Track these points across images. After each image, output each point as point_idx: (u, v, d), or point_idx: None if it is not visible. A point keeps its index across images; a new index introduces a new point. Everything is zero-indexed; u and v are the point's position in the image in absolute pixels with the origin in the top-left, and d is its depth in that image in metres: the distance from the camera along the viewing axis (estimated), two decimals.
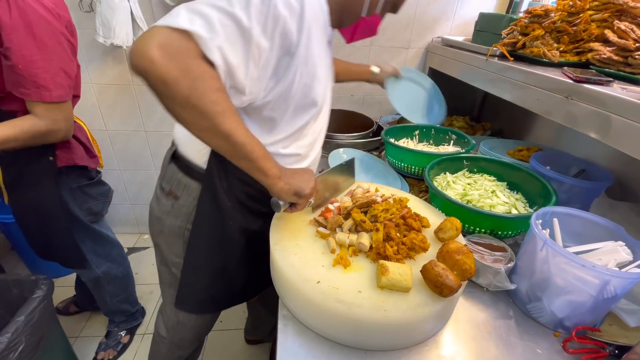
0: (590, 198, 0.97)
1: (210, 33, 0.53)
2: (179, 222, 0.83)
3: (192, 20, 0.52)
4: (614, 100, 0.69)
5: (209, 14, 0.53)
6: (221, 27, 0.53)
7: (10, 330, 0.90)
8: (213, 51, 0.53)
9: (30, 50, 0.82)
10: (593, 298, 0.65)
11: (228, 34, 0.54)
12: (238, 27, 0.54)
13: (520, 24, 1.07)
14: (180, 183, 0.81)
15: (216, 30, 0.53)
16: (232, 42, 0.55)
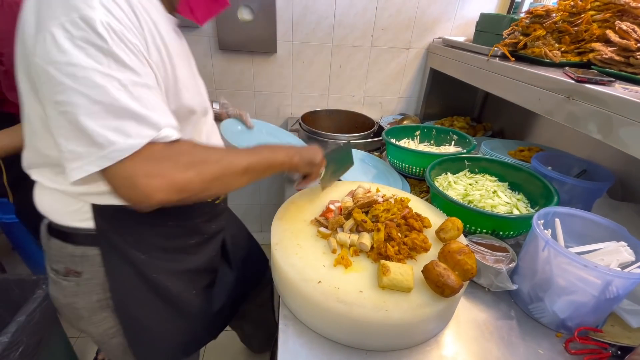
0: (592, 198, 0.97)
1: (148, 125, 0.48)
2: (95, 296, 0.68)
3: (123, 131, 0.46)
4: (615, 100, 0.69)
5: (118, 106, 0.46)
6: (140, 106, 0.47)
7: (11, 330, 0.91)
8: (169, 135, 0.50)
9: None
10: (595, 298, 0.65)
11: (148, 105, 0.48)
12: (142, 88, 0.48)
13: (521, 24, 1.07)
14: (74, 257, 0.65)
15: (144, 115, 0.47)
16: (156, 108, 0.50)
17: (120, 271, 0.67)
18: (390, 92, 1.85)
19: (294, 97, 1.80)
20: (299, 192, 0.92)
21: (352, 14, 1.61)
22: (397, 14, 1.63)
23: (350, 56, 1.72)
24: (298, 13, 1.58)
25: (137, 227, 0.66)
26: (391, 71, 1.79)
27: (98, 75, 0.45)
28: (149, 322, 0.74)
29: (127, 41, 0.47)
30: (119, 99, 0.46)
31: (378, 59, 1.74)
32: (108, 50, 0.45)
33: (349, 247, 0.73)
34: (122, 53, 0.46)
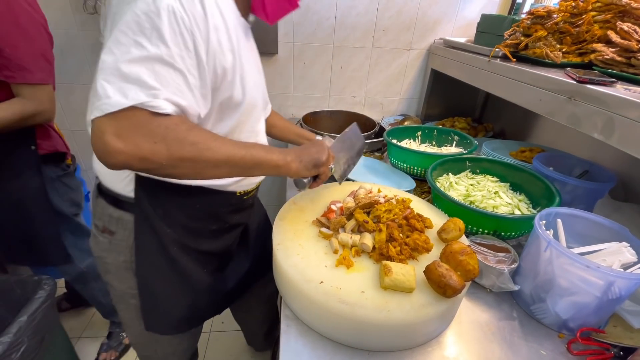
0: (594, 199, 0.97)
1: (148, 94, 0.50)
2: (123, 257, 0.76)
3: (124, 92, 0.49)
4: (617, 100, 0.69)
5: (134, 73, 0.50)
6: (154, 79, 0.51)
7: (13, 331, 0.91)
8: (161, 107, 0.51)
9: (16, 37, 0.91)
10: (597, 299, 0.64)
11: (163, 81, 0.52)
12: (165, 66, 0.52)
13: (522, 25, 1.07)
14: (112, 218, 0.74)
15: (151, 86, 0.50)
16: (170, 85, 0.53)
17: (146, 239, 0.74)
18: (391, 93, 1.85)
19: (295, 97, 1.80)
20: (301, 193, 0.92)
21: (353, 15, 1.61)
22: (398, 14, 1.63)
23: (351, 57, 1.72)
24: (299, 14, 1.58)
25: (168, 203, 0.72)
26: (392, 72, 1.79)
27: (134, 43, 0.50)
28: (161, 290, 0.80)
29: (181, 26, 0.52)
30: (135, 64, 0.50)
31: (379, 60, 1.74)
32: (156, 28, 0.50)
33: (351, 248, 0.73)
34: (167, 32, 0.50)
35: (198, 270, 0.82)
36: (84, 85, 1.67)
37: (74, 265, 1.30)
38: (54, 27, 0.98)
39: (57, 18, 1.48)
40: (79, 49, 1.57)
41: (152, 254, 0.75)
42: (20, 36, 0.92)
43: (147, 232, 0.73)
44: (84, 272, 1.34)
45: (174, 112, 0.54)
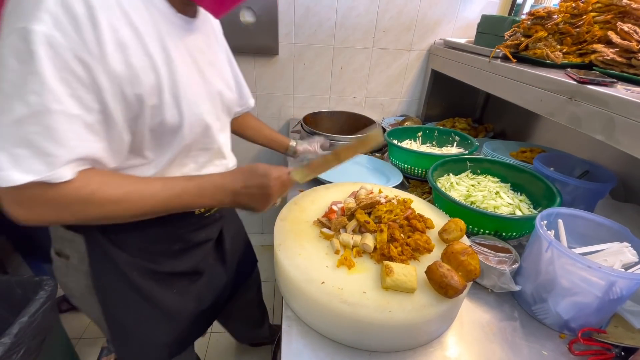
0: (595, 199, 0.97)
1: (43, 162, 0.44)
2: (83, 281, 0.69)
3: (18, 162, 0.43)
4: (617, 101, 0.69)
5: (23, 137, 0.42)
6: (47, 139, 0.43)
7: (13, 332, 0.91)
8: (59, 177, 0.45)
9: None
10: (599, 299, 0.64)
11: (58, 138, 0.44)
12: (57, 116, 0.44)
13: (522, 26, 1.08)
14: (64, 240, 0.67)
15: (45, 152, 0.43)
16: (68, 140, 0.45)
17: (101, 264, 0.66)
18: (391, 94, 1.85)
19: (296, 98, 1.80)
20: (302, 194, 0.92)
21: (353, 16, 1.62)
22: (399, 15, 1.64)
23: (351, 58, 1.72)
24: (300, 15, 1.59)
25: (119, 227, 0.61)
26: (392, 73, 1.79)
27: (16, 97, 0.42)
28: (128, 319, 0.73)
29: (65, 58, 0.43)
30: (24, 127, 0.43)
31: (379, 61, 1.75)
32: (33, 65, 0.42)
33: (352, 248, 0.73)
34: (47, 71, 0.42)
35: (166, 292, 0.75)
36: None
37: None
38: None
39: None
40: None
41: (110, 280, 0.68)
42: None
43: (101, 256, 0.66)
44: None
45: (76, 174, 0.48)
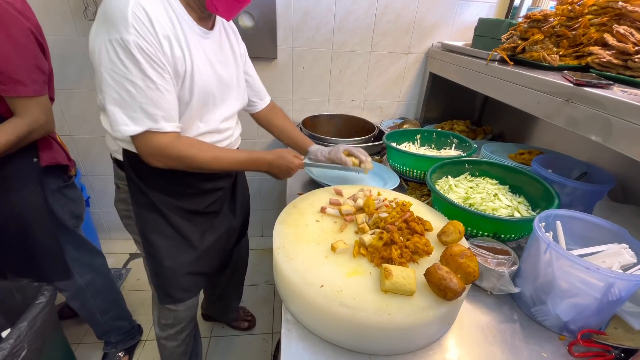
0: (593, 201, 0.97)
1: (151, 119, 0.73)
2: (123, 205, 0.98)
3: (134, 120, 0.73)
4: (614, 103, 0.69)
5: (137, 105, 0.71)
6: (153, 106, 0.72)
7: (13, 337, 0.90)
8: (162, 125, 0.75)
9: (6, 48, 0.86)
10: (598, 301, 0.65)
11: (158, 104, 0.73)
12: (157, 91, 0.72)
13: (519, 29, 1.08)
14: (117, 175, 0.96)
15: (152, 114, 0.72)
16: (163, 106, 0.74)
17: (138, 195, 0.92)
18: (390, 97, 1.86)
19: (295, 101, 1.81)
20: (301, 197, 0.92)
21: (351, 20, 1.63)
22: (396, 19, 1.65)
23: (350, 61, 1.73)
24: (298, 19, 1.60)
25: (149, 170, 0.84)
26: (391, 76, 1.80)
27: (126, 80, 0.70)
28: (158, 241, 0.95)
29: (149, 54, 0.69)
30: (135, 97, 0.71)
31: (378, 64, 1.76)
32: (135, 63, 0.68)
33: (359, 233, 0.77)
34: (144, 64, 0.69)
35: (186, 223, 0.97)
36: (84, 91, 1.68)
37: (74, 280, 1.26)
38: (54, 33, 0.98)
39: (58, 24, 1.49)
40: (79, 55, 1.58)
41: (144, 208, 0.93)
42: (11, 47, 0.87)
43: (137, 190, 0.91)
44: (83, 288, 1.30)
45: (176, 129, 0.78)
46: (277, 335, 1.68)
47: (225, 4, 0.77)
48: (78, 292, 1.30)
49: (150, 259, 0.98)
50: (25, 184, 1.05)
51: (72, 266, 1.24)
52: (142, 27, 0.67)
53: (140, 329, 1.63)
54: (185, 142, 0.79)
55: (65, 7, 1.47)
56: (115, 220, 2.22)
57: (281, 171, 0.96)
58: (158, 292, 1.03)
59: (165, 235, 0.96)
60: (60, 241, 1.17)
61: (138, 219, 0.94)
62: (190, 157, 0.80)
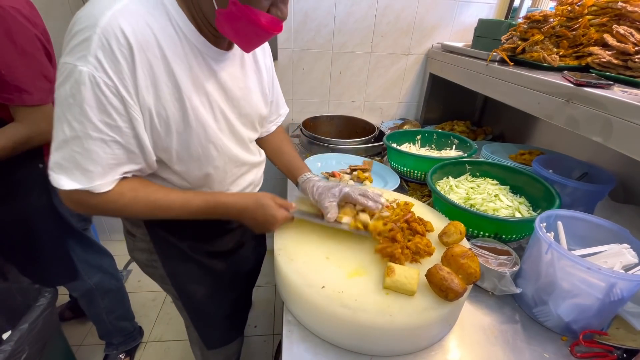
0: (594, 201, 0.97)
1: (86, 177, 0.56)
2: (145, 255, 0.84)
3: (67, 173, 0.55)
4: (614, 103, 0.69)
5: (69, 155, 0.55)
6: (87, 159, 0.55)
7: (14, 338, 0.90)
8: (97, 188, 0.57)
9: (12, 56, 0.85)
10: (599, 301, 0.64)
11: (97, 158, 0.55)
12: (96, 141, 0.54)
13: (519, 30, 1.09)
14: (131, 224, 0.81)
15: (85, 169, 0.55)
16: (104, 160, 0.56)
17: (162, 242, 0.80)
18: (390, 97, 1.86)
19: (295, 103, 1.81)
20: (301, 199, 0.92)
21: (351, 21, 1.63)
22: (396, 20, 1.65)
23: (350, 62, 1.74)
24: (298, 21, 1.60)
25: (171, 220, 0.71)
26: (391, 77, 1.80)
27: (65, 118, 0.53)
28: (200, 294, 0.88)
29: (105, 94, 0.52)
30: (69, 143, 0.54)
31: (378, 65, 1.76)
32: (80, 101, 0.52)
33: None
34: (91, 104, 0.52)
35: (220, 264, 0.89)
36: None
37: (83, 281, 1.28)
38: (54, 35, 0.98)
39: (59, 27, 1.49)
40: None
41: (170, 255, 0.82)
42: (17, 55, 0.85)
43: (164, 242, 0.81)
44: (92, 289, 1.31)
45: (114, 185, 0.60)
46: (278, 337, 1.68)
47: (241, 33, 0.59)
48: (87, 293, 1.32)
49: (191, 312, 0.92)
50: (32, 190, 1.06)
51: (80, 267, 1.25)
52: (108, 56, 0.51)
53: (141, 330, 1.63)
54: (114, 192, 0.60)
55: (66, 9, 1.48)
56: (115, 221, 2.23)
57: (257, 224, 0.74)
58: (205, 339, 0.98)
59: (204, 284, 0.88)
60: (67, 244, 1.18)
61: (170, 274, 0.84)
62: (119, 208, 0.62)
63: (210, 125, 0.67)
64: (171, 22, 0.58)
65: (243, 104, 0.73)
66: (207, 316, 0.93)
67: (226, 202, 0.71)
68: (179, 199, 0.66)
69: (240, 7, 0.54)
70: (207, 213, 0.70)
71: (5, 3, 0.83)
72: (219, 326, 0.98)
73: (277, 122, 0.98)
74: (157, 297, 1.86)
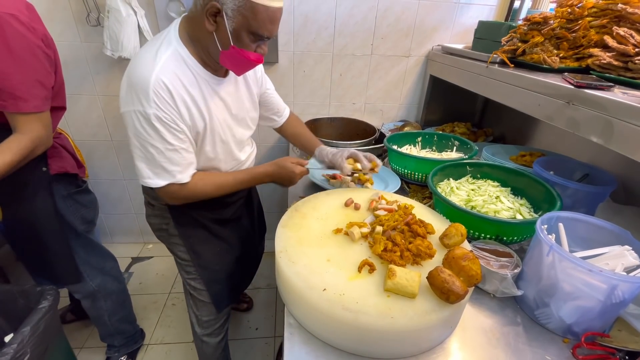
0: (595, 202, 0.97)
1: (171, 175, 0.84)
2: (158, 220, 1.07)
3: (157, 175, 0.84)
4: (615, 104, 0.69)
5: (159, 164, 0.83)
6: (170, 164, 0.83)
7: (16, 341, 0.90)
8: (181, 180, 0.86)
9: (7, 64, 0.85)
10: (601, 303, 0.64)
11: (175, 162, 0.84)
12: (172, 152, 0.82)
13: (519, 31, 1.09)
14: (151, 196, 1.03)
15: (170, 170, 0.84)
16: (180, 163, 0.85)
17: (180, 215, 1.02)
18: (390, 99, 1.87)
19: (296, 105, 1.82)
20: (303, 200, 0.93)
21: (352, 24, 1.64)
22: (396, 22, 1.66)
23: (350, 65, 1.74)
24: (299, 24, 1.61)
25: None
26: (391, 79, 1.80)
27: (148, 144, 0.81)
28: (208, 253, 1.08)
29: (168, 123, 0.79)
30: (156, 157, 0.82)
31: (378, 67, 1.76)
32: (155, 131, 0.79)
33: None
34: (163, 131, 0.79)
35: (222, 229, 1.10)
36: (87, 96, 1.69)
37: (85, 283, 1.28)
38: (57, 38, 1.00)
39: (61, 30, 1.51)
40: (82, 60, 1.60)
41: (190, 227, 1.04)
42: (12, 62, 0.86)
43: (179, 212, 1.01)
44: (94, 290, 1.32)
45: (191, 177, 0.88)
46: (279, 339, 1.68)
47: (237, 66, 0.84)
48: (90, 295, 1.33)
49: (202, 270, 1.09)
50: (36, 193, 1.07)
51: (83, 270, 1.25)
52: (162, 100, 0.77)
53: (143, 333, 1.63)
54: (192, 182, 0.89)
55: (68, 12, 1.49)
56: (117, 224, 2.24)
57: (284, 180, 1.01)
58: (215, 301, 1.14)
59: (212, 245, 1.09)
60: (71, 246, 1.19)
61: (184, 237, 1.05)
62: (198, 193, 0.91)
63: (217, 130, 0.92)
64: (188, 67, 0.82)
65: (236, 110, 0.97)
66: (215, 273, 1.11)
67: (260, 171, 0.99)
68: (230, 177, 0.96)
69: (237, 49, 0.78)
70: (251, 182, 1.00)
71: (2, 10, 0.83)
72: (225, 283, 1.15)
73: (285, 115, 1.23)
74: (158, 300, 1.86)
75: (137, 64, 0.78)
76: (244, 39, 0.77)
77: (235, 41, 0.77)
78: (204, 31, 0.78)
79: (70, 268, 1.21)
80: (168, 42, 0.81)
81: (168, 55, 0.79)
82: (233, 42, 0.77)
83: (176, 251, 1.10)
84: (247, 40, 0.78)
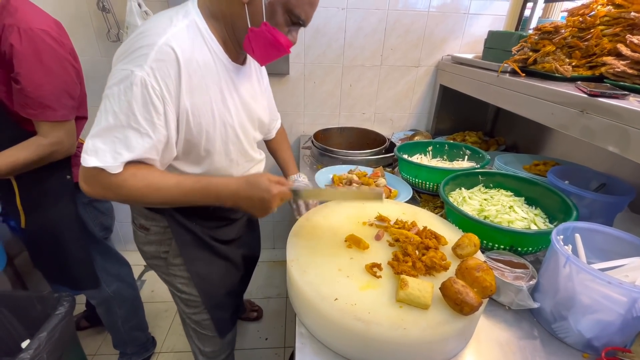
0: (613, 213, 0.94)
1: (113, 157, 0.64)
2: (154, 248, 0.94)
3: (97, 153, 0.64)
4: (631, 113, 0.68)
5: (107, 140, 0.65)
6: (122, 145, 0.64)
7: (33, 347, 0.92)
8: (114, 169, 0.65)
9: (38, 75, 0.91)
10: (622, 317, 0.62)
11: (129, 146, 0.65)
12: (133, 131, 0.65)
13: (530, 41, 1.09)
14: (147, 217, 0.90)
15: (117, 151, 0.64)
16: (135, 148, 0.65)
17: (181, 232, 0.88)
18: (400, 109, 1.87)
19: (306, 115, 1.84)
20: (313, 210, 0.93)
21: (361, 36, 1.66)
22: (406, 34, 1.67)
23: (360, 75, 1.76)
24: (309, 36, 1.64)
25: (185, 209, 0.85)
26: (401, 88, 1.81)
27: (112, 110, 0.64)
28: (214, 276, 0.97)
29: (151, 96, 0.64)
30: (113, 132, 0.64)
31: (388, 77, 1.78)
32: (128, 96, 0.63)
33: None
34: (137, 101, 0.63)
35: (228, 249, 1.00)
36: None
37: (102, 289, 1.31)
38: (79, 54, 1.05)
39: (83, 46, 1.57)
40: (103, 75, 1.63)
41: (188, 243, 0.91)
42: (43, 74, 0.91)
43: (181, 228, 0.88)
44: (110, 297, 1.35)
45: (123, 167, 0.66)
46: (290, 350, 1.66)
47: (264, 49, 0.73)
48: (105, 301, 1.36)
49: (206, 297, 0.98)
50: (59, 200, 1.12)
51: (100, 275, 1.29)
52: (161, 69, 0.63)
53: (154, 341, 1.64)
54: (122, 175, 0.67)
55: (89, 29, 1.56)
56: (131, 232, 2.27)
57: (254, 204, 0.73)
58: (218, 327, 1.04)
59: (217, 266, 0.98)
60: (90, 252, 1.23)
61: (187, 259, 0.91)
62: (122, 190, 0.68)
63: (231, 125, 0.80)
64: (206, 44, 0.71)
65: (253, 108, 0.86)
66: (219, 298, 1.01)
67: (217, 183, 0.73)
68: (173, 181, 0.71)
69: (269, 27, 0.69)
70: (201, 194, 0.73)
71: (35, 26, 0.90)
72: (228, 307, 1.06)
73: (276, 126, 1.14)
74: (169, 308, 1.87)
75: (144, 28, 0.66)
76: (279, 17, 0.69)
77: (269, 17, 0.68)
78: (234, 2, 0.68)
79: (89, 273, 1.25)
80: (186, 12, 0.70)
81: (185, 25, 0.68)
82: (266, 17, 0.68)
83: (175, 283, 0.97)
84: (281, 19, 0.69)
